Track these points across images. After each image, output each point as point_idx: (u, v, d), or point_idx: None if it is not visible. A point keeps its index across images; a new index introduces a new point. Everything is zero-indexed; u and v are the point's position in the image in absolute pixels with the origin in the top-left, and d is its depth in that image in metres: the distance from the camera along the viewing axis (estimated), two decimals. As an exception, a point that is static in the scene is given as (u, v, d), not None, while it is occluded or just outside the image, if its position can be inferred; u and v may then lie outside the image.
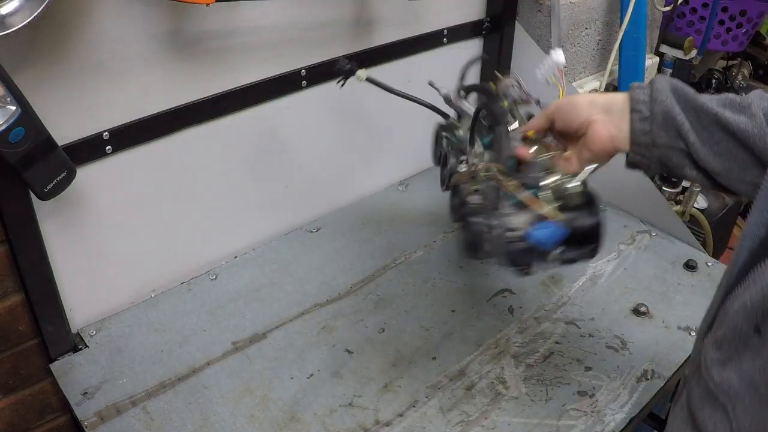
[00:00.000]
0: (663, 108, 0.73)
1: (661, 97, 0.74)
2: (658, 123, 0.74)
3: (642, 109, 0.75)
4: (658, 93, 0.74)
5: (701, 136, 0.72)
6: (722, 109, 0.70)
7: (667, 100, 0.73)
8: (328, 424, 0.88)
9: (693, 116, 0.72)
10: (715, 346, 0.59)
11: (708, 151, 0.71)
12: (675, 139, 0.73)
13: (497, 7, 1.37)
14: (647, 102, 0.75)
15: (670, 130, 0.73)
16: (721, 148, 0.71)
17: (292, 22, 1.07)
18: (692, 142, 0.72)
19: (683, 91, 0.74)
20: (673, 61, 1.88)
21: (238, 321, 1.05)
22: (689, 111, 0.73)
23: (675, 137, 0.73)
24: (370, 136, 1.33)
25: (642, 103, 0.75)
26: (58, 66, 0.84)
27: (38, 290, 0.93)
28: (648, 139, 0.75)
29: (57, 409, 1.05)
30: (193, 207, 1.09)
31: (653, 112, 0.74)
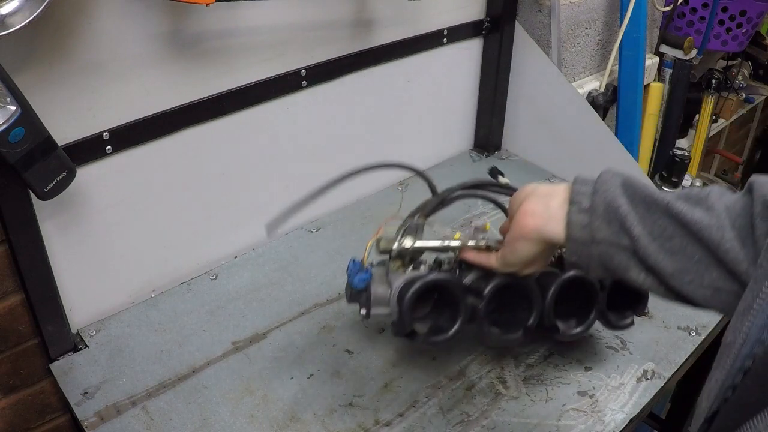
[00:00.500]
0: (606, 198, 0.64)
1: (605, 187, 0.65)
2: (599, 215, 0.64)
3: (581, 201, 0.66)
4: (602, 184, 0.66)
5: (650, 230, 0.62)
6: (675, 200, 0.62)
7: (611, 190, 0.64)
8: (328, 424, 0.88)
9: (642, 208, 0.63)
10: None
11: (658, 247, 0.62)
12: (618, 234, 0.63)
13: (497, 7, 1.37)
14: (589, 194, 0.66)
15: (612, 222, 0.63)
16: (674, 245, 0.61)
17: (292, 22, 1.07)
18: (637, 235, 0.62)
19: (634, 182, 0.65)
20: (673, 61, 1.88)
21: (238, 321, 1.05)
22: (638, 202, 0.64)
23: (618, 231, 0.63)
24: (369, 136, 1.33)
25: (583, 195, 0.66)
26: (58, 66, 0.84)
27: (38, 290, 0.93)
28: (586, 235, 0.65)
29: (57, 409, 1.05)
30: (193, 207, 1.09)
31: (594, 203, 0.65)
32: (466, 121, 1.53)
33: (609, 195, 0.64)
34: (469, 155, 1.54)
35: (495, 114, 1.50)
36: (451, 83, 1.44)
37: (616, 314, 0.93)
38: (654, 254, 0.62)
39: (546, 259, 0.78)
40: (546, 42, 1.51)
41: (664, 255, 0.61)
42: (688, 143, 2.29)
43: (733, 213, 0.60)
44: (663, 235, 0.62)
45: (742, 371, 0.48)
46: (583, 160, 1.40)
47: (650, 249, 0.62)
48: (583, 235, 0.66)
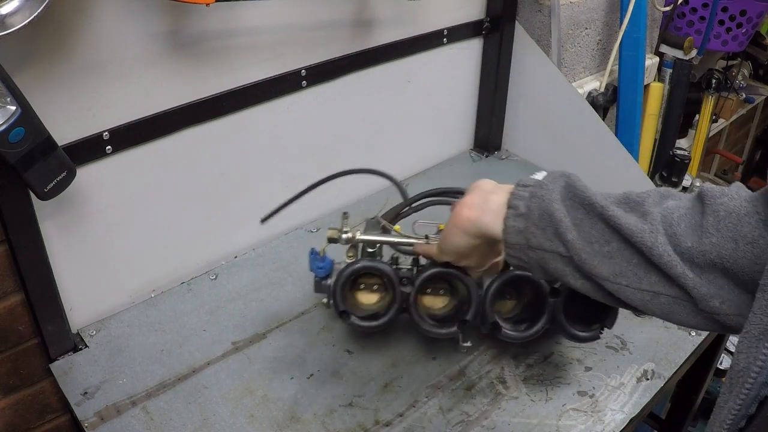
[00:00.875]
0: (541, 204, 0.64)
1: (542, 193, 0.65)
2: (533, 221, 0.64)
3: (518, 205, 0.66)
4: (540, 188, 0.65)
5: (585, 235, 0.62)
6: (612, 206, 0.62)
7: (547, 195, 0.64)
8: (328, 424, 0.88)
9: (579, 213, 0.63)
10: None
11: (592, 252, 0.61)
12: (552, 240, 0.63)
13: (497, 7, 1.37)
14: (526, 198, 0.66)
15: (546, 229, 0.63)
16: (611, 249, 0.61)
17: (292, 22, 1.07)
18: (571, 240, 0.62)
19: (574, 186, 0.65)
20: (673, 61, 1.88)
21: (238, 321, 1.05)
22: (575, 207, 0.63)
23: (552, 237, 0.63)
24: (369, 136, 1.33)
25: (520, 199, 0.66)
26: (58, 66, 0.84)
27: (38, 290, 0.93)
28: (521, 240, 0.65)
29: (57, 409, 1.05)
30: (193, 207, 1.09)
31: (530, 208, 0.65)
32: (466, 121, 1.53)
33: (545, 200, 0.64)
34: (469, 155, 1.54)
35: (495, 114, 1.50)
36: (451, 83, 1.44)
37: (580, 324, 0.91)
38: (589, 259, 0.62)
39: (483, 254, 0.78)
40: (546, 42, 1.51)
41: (600, 259, 0.61)
42: (688, 143, 2.29)
43: (671, 219, 0.59)
44: (599, 240, 0.62)
45: (757, 401, 0.46)
46: (583, 160, 1.40)
47: (584, 254, 0.62)
48: (519, 240, 0.66)
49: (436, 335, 0.91)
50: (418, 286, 0.89)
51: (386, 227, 0.96)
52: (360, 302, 0.95)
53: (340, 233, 0.92)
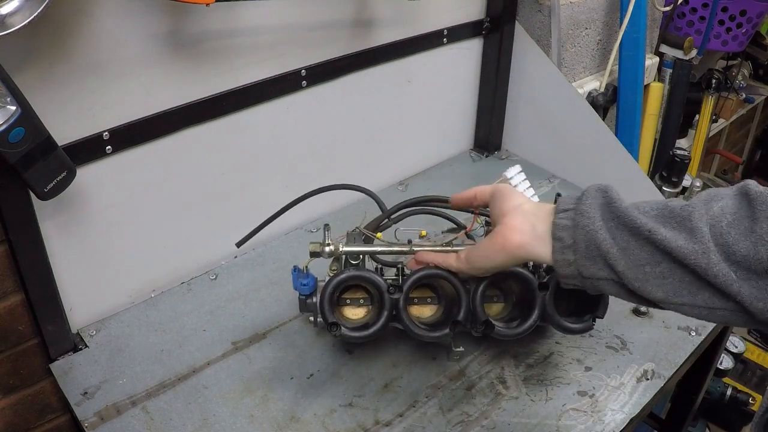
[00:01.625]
0: (586, 235, 0.64)
1: (584, 222, 0.64)
2: (581, 252, 0.64)
3: (564, 237, 0.65)
4: (581, 216, 0.65)
5: (634, 260, 0.62)
6: (657, 226, 0.61)
7: (590, 225, 0.64)
8: (328, 424, 0.88)
9: (623, 238, 0.62)
10: None
11: (644, 276, 0.61)
12: (603, 269, 0.63)
13: (497, 7, 1.37)
14: (570, 228, 0.65)
15: (596, 259, 0.63)
16: (663, 270, 0.61)
17: (292, 22, 1.07)
18: (621, 270, 0.62)
19: (615, 206, 0.64)
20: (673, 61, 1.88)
21: (238, 321, 1.05)
22: (620, 230, 0.63)
23: (602, 267, 0.63)
24: (370, 136, 1.33)
25: (564, 229, 0.66)
26: (58, 66, 0.84)
27: (38, 290, 0.93)
28: (573, 271, 0.66)
29: (57, 409, 1.05)
30: (193, 207, 1.09)
31: (576, 240, 0.64)
32: (466, 121, 1.53)
33: (589, 231, 0.64)
34: (469, 155, 1.54)
35: (495, 114, 1.50)
36: (451, 83, 1.44)
37: (572, 317, 0.90)
38: (641, 285, 0.62)
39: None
40: (546, 42, 1.51)
41: (653, 284, 0.61)
42: (688, 143, 2.29)
43: (720, 229, 0.58)
44: (650, 262, 0.61)
45: None
46: (583, 160, 1.40)
47: (637, 281, 0.62)
48: (571, 272, 0.66)
49: (429, 339, 0.89)
50: (407, 290, 0.87)
51: (369, 237, 0.95)
52: (347, 318, 0.92)
53: (322, 246, 0.91)
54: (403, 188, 1.41)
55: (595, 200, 0.66)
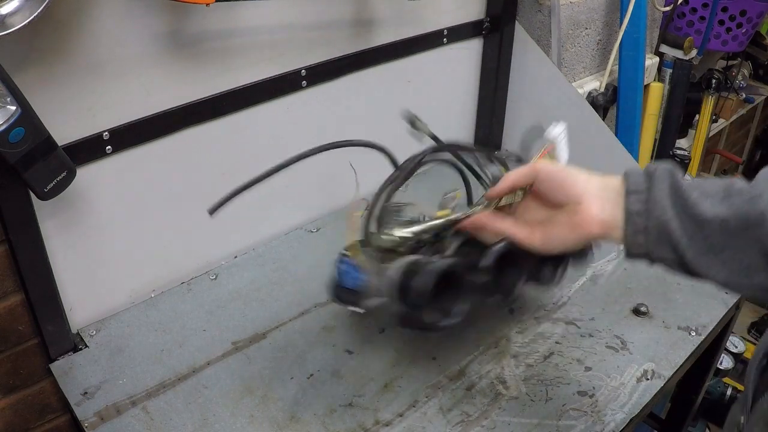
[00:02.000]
0: (659, 225, 0.68)
1: (657, 212, 0.68)
2: (653, 239, 0.69)
3: (636, 222, 0.70)
4: (654, 205, 0.68)
5: (699, 247, 0.66)
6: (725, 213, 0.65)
7: (663, 215, 0.68)
8: (328, 424, 0.88)
9: (694, 225, 0.66)
10: None
11: (708, 261, 0.66)
12: (672, 253, 0.68)
13: (497, 7, 1.37)
14: (642, 214, 0.69)
15: (665, 245, 0.68)
16: (725, 257, 0.66)
17: (292, 22, 1.07)
18: (689, 259, 0.67)
19: (683, 194, 0.67)
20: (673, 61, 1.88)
21: (238, 321, 1.05)
22: (689, 220, 0.67)
23: (671, 252, 0.68)
24: (370, 135, 1.32)
25: (637, 215, 0.70)
26: (58, 66, 0.84)
27: (38, 290, 0.93)
28: (643, 252, 0.71)
29: (57, 409, 1.05)
30: (193, 207, 1.09)
31: (648, 227, 0.69)
32: (466, 121, 1.53)
33: (662, 221, 0.67)
34: (469, 155, 1.54)
35: (495, 114, 1.50)
36: (451, 83, 1.44)
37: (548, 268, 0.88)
38: (705, 269, 0.66)
39: None
40: (546, 42, 1.51)
41: (716, 269, 0.66)
42: (688, 143, 2.29)
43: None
44: (714, 249, 0.65)
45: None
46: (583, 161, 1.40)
47: (701, 267, 0.66)
48: (641, 252, 0.70)
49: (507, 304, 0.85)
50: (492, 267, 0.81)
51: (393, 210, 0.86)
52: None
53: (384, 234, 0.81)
54: (403, 188, 1.41)
55: (664, 184, 0.69)
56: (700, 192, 0.67)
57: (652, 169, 0.70)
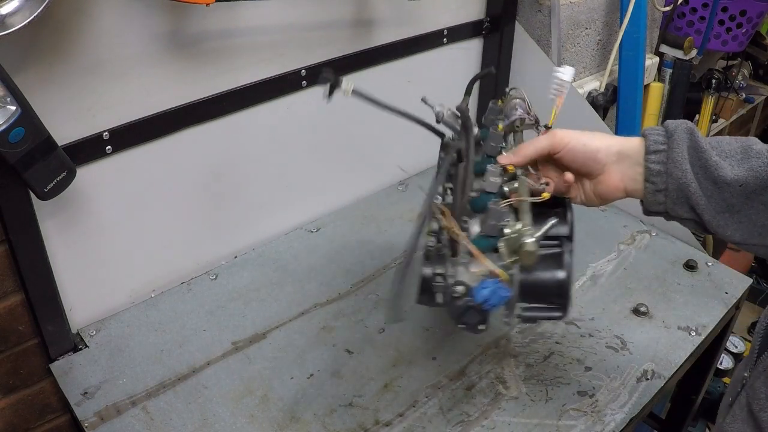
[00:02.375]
0: (678, 185, 0.70)
1: (677, 173, 0.70)
2: (671, 197, 0.71)
3: (656, 181, 0.72)
4: (674, 166, 0.70)
5: (716, 206, 0.69)
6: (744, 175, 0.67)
7: (683, 177, 0.70)
8: (328, 424, 0.88)
9: (711, 185, 0.69)
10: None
11: (723, 221, 0.69)
12: (688, 212, 0.71)
13: (497, 7, 1.37)
14: (662, 173, 0.71)
15: (683, 204, 0.71)
16: (740, 218, 0.69)
17: (292, 22, 1.07)
18: (707, 219, 0.70)
19: (703, 155, 0.69)
20: (673, 61, 1.88)
21: (238, 321, 1.05)
22: (707, 181, 0.69)
23: (688, 210, 0.71)
24: (370, 136, 1.33)
25: (657, 175, 0.72)
26: (58, 66, 0.84)
27: (38, 290, 0.93)
28: (662, 210, 0.73)
29: (57, 409, 1.05)
30: (193, 207, 1.09)
31: (668, 187, 0.71)
32: (466, 121, 1.53)
33: (681, 182, 0.70)
34: (469, 155, 1.54)
35: (495, 114, 1.50)
36: (451, 83, 1.44)
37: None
38: (722, 229, 0.69)
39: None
40: (546, 42, 1.51)
41: (732, 228, 0.69)
42: (688, 143, 2.28)
43: None
44: (730, 209, 0.68)
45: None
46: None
47: (718, 226, 0.69)
48: (659, 210, 0.74)
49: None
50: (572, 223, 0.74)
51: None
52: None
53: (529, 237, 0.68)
54: (403, 188, 1.41)
55: (683, 144, 0.70)
56: (718, 152, 0.69)
57: (672, 127, 0.72)
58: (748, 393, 0.64)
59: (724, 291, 1.13)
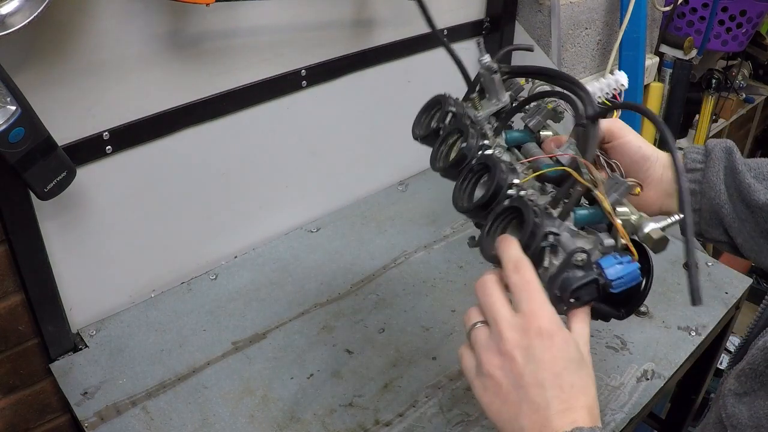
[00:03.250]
0: (712, 206, 0.69)
1: (711, 194, 0.68)
2: (706, 219, 0.70)
3: (691, 201, 0.71)
4: (709, 187, 0.69)
5: (750, 231, 0.67)
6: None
7: (716, 198, 0.68)
8: (328, 424, 0.88)
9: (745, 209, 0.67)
10: (736, 377, 0.57)
11: (757, 246, 0.67)
12: (723, 236, 0.70)
13: (497, 7, 1.37)
14: (697, 193, 0.70)
15: (717, 227, 0.70)
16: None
17: (292, 22, 1.07)
18: (739, 243, 0.68)
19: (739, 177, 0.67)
20: (673, 61, 1.88)
21: (238, 321, 1.05)
22: (741, 204, 0.67)
23: (722, 233, 0.70)
24: (370, 136, 1.33)
25: (691, 194, 0.70)
26: (58, 66, 0.84)
27: (38, 290, 0.93)
28: (697, 230, 0.72)
29: (57, 409, 1.05)
30: (193, 207, 1.09)
31: (701, 207, 0.70)
32: (466, 121, 1.53)
33: (715, 204, 0.68)
34: (469, 155, 1.54)
35: (495, 114, 1.50)
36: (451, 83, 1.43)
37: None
38: (756, 255, 0.67)
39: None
40: (546, 42, 1.51)
41: (766, 254, 0.67)
42: (688, 143, 2.29)
43: None
44: (763, 236, 0.66)
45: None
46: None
47: (752, 252, 0.68)
48: (695, 231, 0.71)
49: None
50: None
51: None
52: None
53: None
54: (403, 188, 1.41)
55: (720, 165, 0.68)
56: (755, 174, 0.67)
57: (711, 146, 0.70)
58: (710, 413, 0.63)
59: (724, 291, 1.13)
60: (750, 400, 0.54)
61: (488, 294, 0.56)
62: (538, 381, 0.51)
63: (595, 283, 0.57)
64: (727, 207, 0.67)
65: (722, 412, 0.57)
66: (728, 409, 0.56)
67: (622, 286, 0.57)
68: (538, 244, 0.58)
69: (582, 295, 0.58)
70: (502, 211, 0.63)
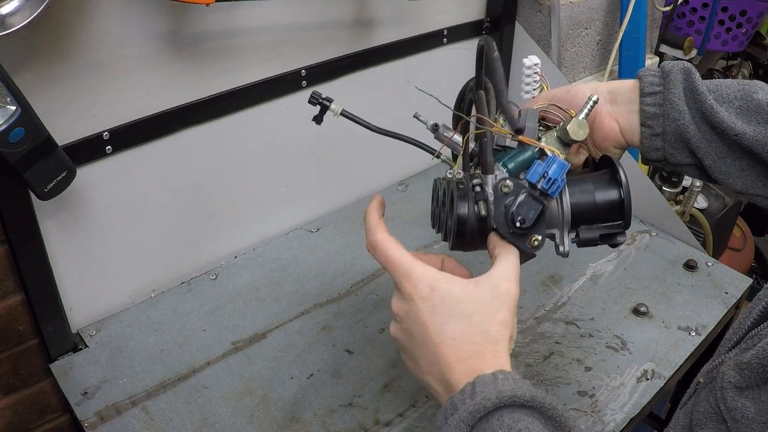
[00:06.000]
0: (676, 128, 0.67)
1: (674, 115, 0.67)
2: (670, 142, 0.68)
3: (653, 125, 0.69)
4: (671, 107, 0.67)
5: (717, 152, 0.66)
6: (743, 126, 0.64)
7: (680, 119, 0.66)
8: (328, 424, 0.88)
9: (711, 131, 0.66)
10: (738, 368, 0.54)
11: (725, 167, 0.66)
12: (688, 157, 0.68)
13: (497, 7, 1.37)
14: (659, 116, 0.68)
15: (683, 149, 0.68)
16: (742, 164, 0.66)
17: (292, 22, 1.07)
18: (707, 164, 0.67)
19: (700, 98, 0.66)
20: (673, 61, 1.88)
21: (238, 321, 1.05)
22: (706, 125, 0.66)
23: (687, 155, 0.68)
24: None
25: (653, 118, 0.68)
26: (58, 66, 0.84)
27: (38, 290, 0.93)
28: (661, 156, 0.70)
29: (57, 409, 1.05)
30: (193, 207, 1.09)
31: (665, 130, 0.68)
32: (466, 121, 1.53)
33: (679, 125, 0.67)
34: (469, 155, 1.54)
35: (495, 114, 1.50)
36: (451, 83, 1.43)
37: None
38: (723, 176, 0.66)
39: None
40: (546, 42, 1.51)
41: (734, 175, 0.66)
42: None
43: None
44: (731, 155, 0.65)
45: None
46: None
47: (720, 173, 0.66)
48: (659, 157, 0.70)
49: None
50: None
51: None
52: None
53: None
54: (403, 188, 1.41)
55: (679, 85, 0.67)
56: (716, 96, 0.66)
57: (668, 68, 0.69)
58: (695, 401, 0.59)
59: (724, 291, 1.13)
60: (755, 394, 0.52)
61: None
62: (422, 340, 0.57)
63: (528, 195, 0.59)
64: (693, 127, 0.66)
65: (720, 404, 0.54)
66: (728, 402, 0.54)
67: (554, 184, 0.58)
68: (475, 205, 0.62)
69: (526, 214, 0.59)
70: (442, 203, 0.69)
